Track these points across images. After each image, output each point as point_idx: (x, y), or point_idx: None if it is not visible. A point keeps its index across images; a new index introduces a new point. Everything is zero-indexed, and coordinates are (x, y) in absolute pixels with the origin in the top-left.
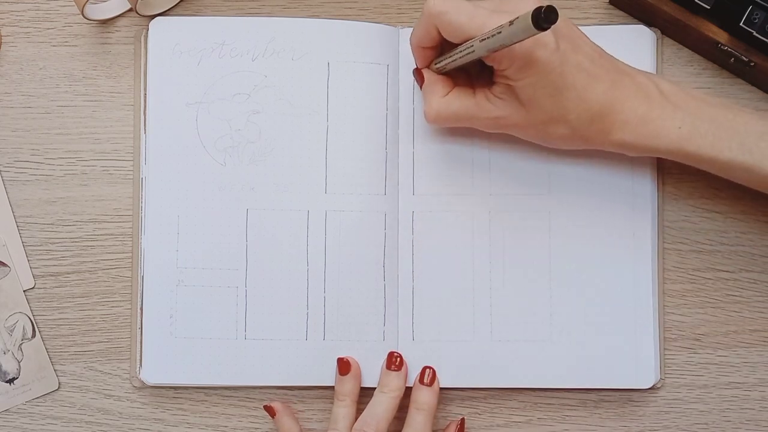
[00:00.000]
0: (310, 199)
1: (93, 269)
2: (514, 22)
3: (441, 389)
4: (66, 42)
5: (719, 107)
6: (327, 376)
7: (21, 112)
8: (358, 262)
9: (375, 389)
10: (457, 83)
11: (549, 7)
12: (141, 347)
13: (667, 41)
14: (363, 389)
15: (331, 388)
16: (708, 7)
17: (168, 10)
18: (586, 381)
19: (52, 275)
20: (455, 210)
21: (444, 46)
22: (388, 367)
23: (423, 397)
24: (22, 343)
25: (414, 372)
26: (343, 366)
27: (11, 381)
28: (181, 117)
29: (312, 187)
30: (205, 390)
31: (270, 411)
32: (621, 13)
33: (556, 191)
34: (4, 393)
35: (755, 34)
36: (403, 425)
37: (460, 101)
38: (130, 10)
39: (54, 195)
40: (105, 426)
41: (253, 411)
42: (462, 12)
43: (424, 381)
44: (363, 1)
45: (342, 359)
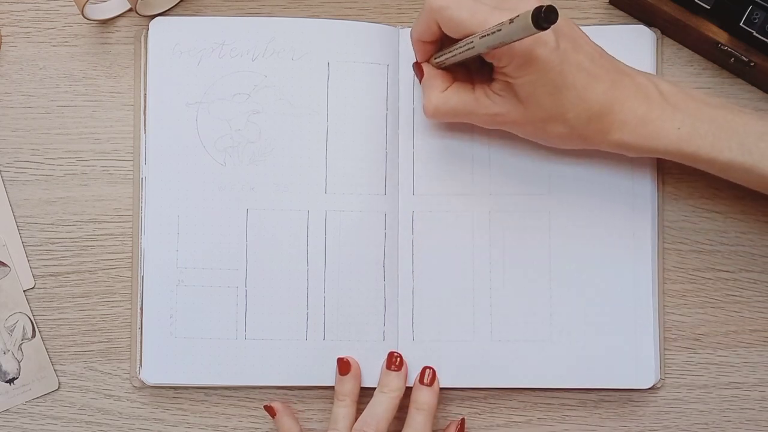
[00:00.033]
0: (310, 199)
1: (93, 269)
2: (514, 20)
3: (441, 389)
4: (66, 42)
5: (719, 108)
6: (327, 376)
7: (21, 112)
8: (358, 262)
9: (375, 389)
10: (457, 78)
11: (549, 7)
12: (141, 347)
13: (667, 41)
14: (363, 389)
15: (331, 388)
16: (708, 7)
17: (168, 10)
18: (586, 381)
19: (52, 275)
20: (455, 210)
21: (444, 41)
22: (388, 367)
23: (423, 397)
24: (22, 343)
25: (414, 372)
26: (343, 366)
27: (11, 381)
28: (181, 117)
29: (312, 187)
30: (205, 390)
31: (270, 411)
32: (621, 13)
33: (556, 191)
34: (4, 393)
35: (755, 34)
36: (403, 425)
37: (458, 96)
38: (130, 10)
39: (54, 195)
40: (105, 426)
41: (253, 411)
42: (463, 8)
43: (424, 381)
44: (363, 1)
45: (342, 359)
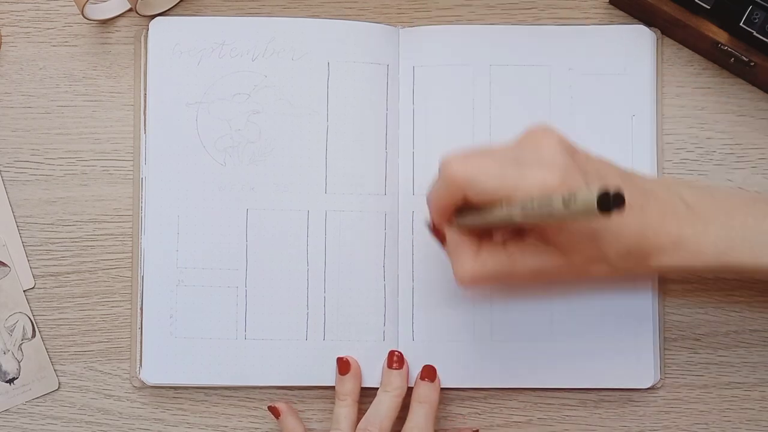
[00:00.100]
0: (310, 199)
1: (93, 269)
2: (569, 202)
3: (441, 389)
4: (66, 42)
5: (748, 206)
6: (327, 376)
7: (21, 112)
8: (358, 262)
9: (376, 389)
10: (481, 236)
11: (618, 194)
12: (141, 347)
13: (667, 41)
14: (363, 389)
15: (332, 388)
16: (708, 7)
17: (168, 10)
18: (586, 381)
19: (52, 275)
20: None
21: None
22: (389, 366)
23: (424, 392)
24: (22, 343)
25: (415, 372)
26: (343, 366)
27: (11, 381)
28: (181, 117)
29: (312, 187)
30: (205, 390)
31: (274, 411)
32: (621, 13)
33: None
34: (4, 393)
35: (755, 34)
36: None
37: (493, 259)
38: (130, 10)
39: (54, 195)
40: (105, 426)
41: (253, 411)
42: (490, 175)
43: (424, 378)
44: (363, 1)
45: (341, 359)
